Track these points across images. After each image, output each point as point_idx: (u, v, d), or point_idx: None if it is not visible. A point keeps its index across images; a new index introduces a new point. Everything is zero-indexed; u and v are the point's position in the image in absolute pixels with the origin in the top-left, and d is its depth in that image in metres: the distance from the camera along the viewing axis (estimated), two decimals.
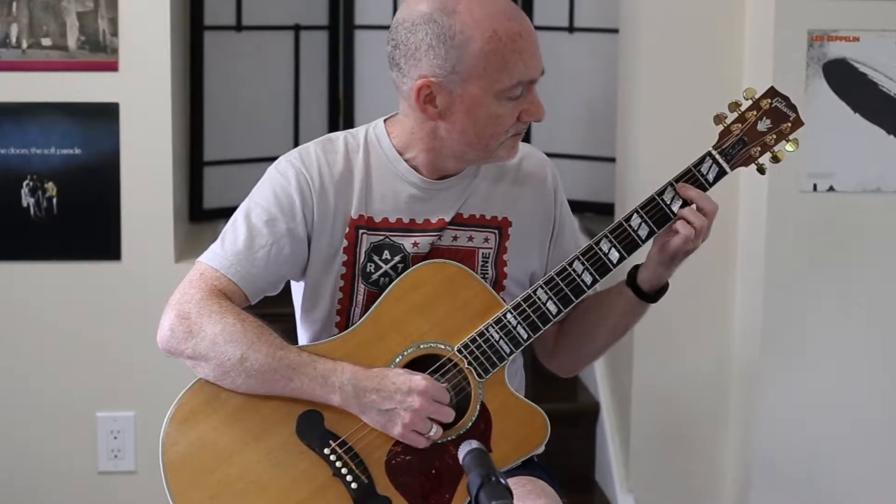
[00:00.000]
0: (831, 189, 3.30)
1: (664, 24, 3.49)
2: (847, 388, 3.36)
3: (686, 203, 2.22)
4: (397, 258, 2.25)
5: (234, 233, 2.23)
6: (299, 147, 2.29)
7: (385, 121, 2.30)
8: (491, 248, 2.29)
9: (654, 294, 2.29)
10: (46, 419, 3.61)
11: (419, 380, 2.14)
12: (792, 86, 3.15)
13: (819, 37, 3.25)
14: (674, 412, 3.60)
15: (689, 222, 2.20)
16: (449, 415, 2.16)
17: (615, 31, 4.03)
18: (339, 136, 2.30)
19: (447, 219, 2.27)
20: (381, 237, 2.25)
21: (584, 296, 2.25)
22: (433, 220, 2.26)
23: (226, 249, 2.22)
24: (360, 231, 2.25)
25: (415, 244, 2.25)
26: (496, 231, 2.30)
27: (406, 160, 2.26)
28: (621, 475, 3.73)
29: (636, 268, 2.30)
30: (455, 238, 2.28)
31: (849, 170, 3.30)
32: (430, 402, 2.14)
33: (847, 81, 3.27)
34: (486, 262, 2.29)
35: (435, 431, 2.15)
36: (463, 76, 2.13)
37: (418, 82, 2.15)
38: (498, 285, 2.29)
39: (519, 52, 2.13)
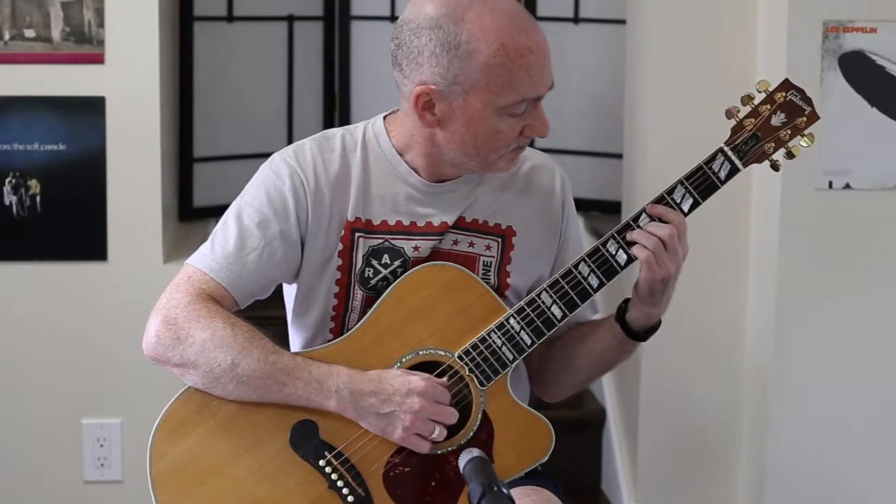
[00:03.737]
0: (847, 187, 3.29)
1: (673, 15, 3.48)
2: (865, 394, 3.35)
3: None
4: (397, 262, 2.24)
5: (224, 234, 2.22)
6: (294, 144, 2.28)
7: (385, 118, 2.30)
8: (493, 257, 2.28)
9: (644, 333, 2.28)
10: (30, 426, 3.61)
11: (418, 380, 2.13)
12: (806, 79, 3.11)
13: (834, 28, 3.25)
14: (683, 419, 3.60)
15: (644, 246, 2.17)
16: (452, 415, 2.15)
17: (622, 21, 4.02)
18: (337, 133, 2.29)
19: (450, 222, 2.26)
20: (381, 240, 2.24)
21: (590, 299, 2.24)
22: (435, 223, 2.25)
23: (215, 252, 2.21)
24: (357, 234, 2.24)
25: (416, 248, 2.24)
26: (499, 240, 2.29)
27: (406, 161, 2.25)
28: (629, 485, 3.73)
29: (627, 301, 2.29)
30: (455, 242, 2.27)
31: (866, 166, 3.30)
32: (431, 403, 2.13)
33: (864, 74, 3.26)
34: (489, 270, 2.28)
35: (438, 433, 2.14)
36: (465, 88, 2.11)
37: (418, 88, 2.13)
38: (499, 295, 2.27)
39: (526, 69, 2.10)
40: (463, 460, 1.95)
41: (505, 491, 1.84)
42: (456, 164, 2.22)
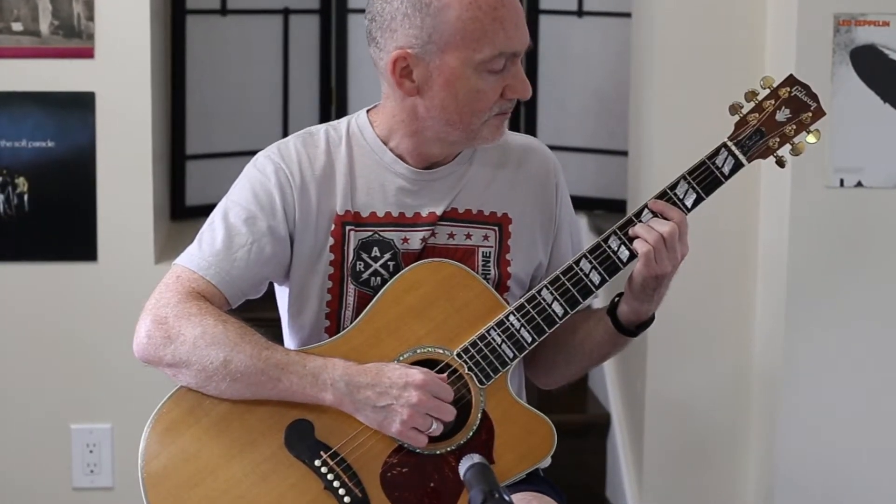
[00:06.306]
0: (859, 184, 3.30)
1: (680, 8, 3.49)
2: (877, 397, 3.36)
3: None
4: (387, 255, 2.27)
5: (211, 233, 2.26)
6: (278, 142, 2.32)
7: (368, 111, 2.34)
8: (492, 247, 2.31)
9: (634, 328, 2.32)
10: (17, 432, 3.62)
11: (416, 373, 2.16)
12: (817, 73, 3.16)
13: (846, 21, 3.26)
14: (690, 423, 3.61)
15: (645, 240, 2.21)
16: (450, 412, 2.18)
17: (627, 14, 4.04)
18: (321, 128, 2.33)
19: (438, 212, 2.29)
20: (370, 233, 2.27)
21: (592, 296, 2.26)
22: (424, 214, 2.29)
23: (203, 250, 2.24)
24: (348, 228, 2.27)
25: (405, 240, 2.28)
26: (496, 228, 2.32)
27: (391, 149, 2.29)
28: (634, 491, 3.74)
29: (620, 295, 2.32)
30: (451, 236, 2.30)
31: (878, 164, 3.30)
32: (430, 398, 2.15)
33: (876, 69, 3.27)
34: (488, 261, 2.31)
35: (435, 428, 2.16)
36: (440, 46, 2.16)
37: (394, 54, 2.18)
38: (501, 286, 2.31)
39: (500, 21, 2.15)
40: (463, 466, 1.97)
41: (507, 498, 1.85)
42: (440, 139, 2.25)
